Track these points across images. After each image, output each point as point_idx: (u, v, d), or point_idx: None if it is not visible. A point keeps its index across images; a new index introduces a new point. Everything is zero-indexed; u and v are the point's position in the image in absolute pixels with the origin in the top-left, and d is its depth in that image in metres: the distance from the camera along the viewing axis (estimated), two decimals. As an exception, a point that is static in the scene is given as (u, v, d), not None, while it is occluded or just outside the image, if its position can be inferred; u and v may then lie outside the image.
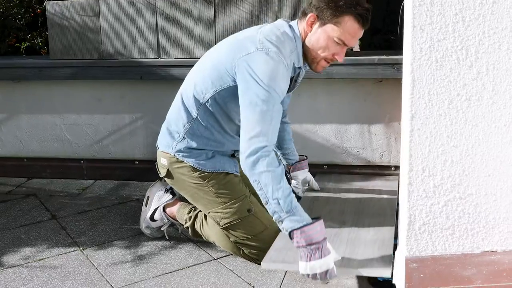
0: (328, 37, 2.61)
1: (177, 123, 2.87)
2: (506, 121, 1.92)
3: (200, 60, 2.92)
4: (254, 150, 2.44)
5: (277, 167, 2.43)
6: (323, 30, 2.61)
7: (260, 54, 2.56)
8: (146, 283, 2.81)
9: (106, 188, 4.04)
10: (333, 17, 2.56)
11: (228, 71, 2.65)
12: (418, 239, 2.05)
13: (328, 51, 2.65)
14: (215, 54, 2.79)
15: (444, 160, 1.96)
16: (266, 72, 2.52)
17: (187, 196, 2.99)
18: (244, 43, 2.64)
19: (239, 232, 2.83)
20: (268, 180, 2.41)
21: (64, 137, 4.20)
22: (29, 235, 3.35)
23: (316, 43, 2.65)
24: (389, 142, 3.80)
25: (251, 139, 2.46)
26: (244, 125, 2.52)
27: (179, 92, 2.91)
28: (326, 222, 2.89)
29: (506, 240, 2.06)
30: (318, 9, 2.60)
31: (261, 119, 2.48)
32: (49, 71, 4.03)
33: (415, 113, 1.92)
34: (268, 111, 2.49)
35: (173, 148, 2.89)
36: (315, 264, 2.31)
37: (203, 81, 2.76)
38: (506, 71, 1.87)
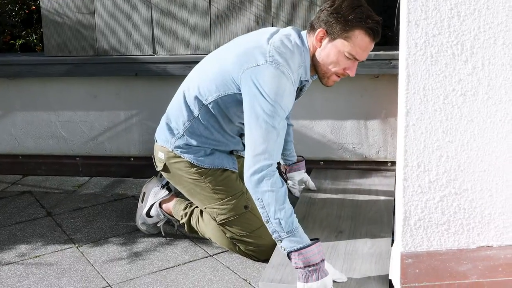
0: (338, 52, 2.56)
1: (177, 120, 2.86)
2: (502, 116, 1.92)
3: (206, 60, 2.87)
4: (259, 169, 2.42)
5: (280, 187, 2.42)
6: (333, 45, 2.57)
7: (269, 68, 2.51)
8: (142, 279, 2.80)
9: (102, 185, 4.04)
10: (342, 32, 2.52)
11: (234, 80, 2.61)
12: (414, 235, 2.05)
13: (339, 66, 2.60)
14: (222, 59, 2.72)
15: (439, 155, 1.96)
16: (273, 88, 2.48)
17: (183, 191, 2.98)
18: (254, 53, 2.57)
19: (235, 228, 2.83)
20: (271, 200, 2.40)
21: (59, 134, 4.19)
22: (25, 232, 3.34)
23: (326, 59, 2.61)
24: (385, 138, 3.80)
25: (256, 156, 2.44)
26: (250, 141, 2.49)
27: (182, 88, 2.88)
28: (324, 229, 2.92)
29: (502, 235, 2.05)
30: (327, 24, 2.55)
31: (267, 136, 2.46)
32: (44, 68, 4.02)
33: (410, 108, 1.92)
34: (274, 128, 2.46)
35: (172, 144, 2.88)
36: (312, 285, 2.32)
37: (207, 83, 2.72)
38: (501, 66, 1.87)
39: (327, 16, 2.54)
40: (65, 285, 2.78)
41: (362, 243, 2.80)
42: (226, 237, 2.89)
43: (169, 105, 2.96)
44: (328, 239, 2.85)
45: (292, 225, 2.39)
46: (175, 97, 2.92)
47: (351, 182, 3.63)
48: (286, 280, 2.50)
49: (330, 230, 2.94)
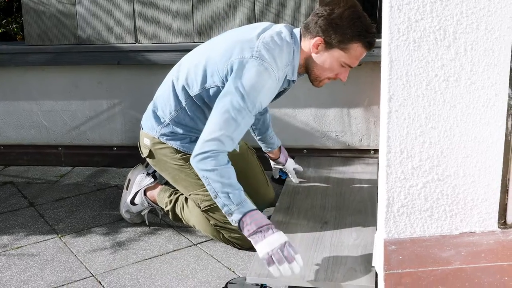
0: (334, 60, 2.64)
1: (164, 108, 2.87)
2: (485, 101, 1.92)
3: (197, 50, 2.88)
4: (204, 152, 2.50)
5: (225, 164, 2.50)
6: (329, 54, 2.63)
7: (253, 63, 2.55)
8: (125, 269, 2.79)
9: (84, 175, 4.01)
10: (340, 43, 2.59)
11: (219, 72, 2.65)
12: (397, 221, 2.05)
13: (332, 72, 2.70)
14: (211, 50, 2.75)
15: (422, 141, 1.96)
16: (252, 83, 2.53)
17: (168, 177, 2.98)
18: (242, 47, 2.61)
19: (219, 215, 2.82)
20: (216, 177, 2.48)
21: (41, 124, 4.15)
22: (7, 223, 3.31)
23: (321, 65, 2.68)
24: (368, 126, 3.80)
25: (207, 141, 2.52)
26: (208, 126, 2.56)
27: (170, 77, 2.88)
28: (308, 220, 2.93)
29: (485, 221, 2.06)
30: (325, 32, 2.59)
31: (224, 126, 2.51)
32: (24, 57, 3.99)
33: (393, 94, 1.91)
34: (235, 122, 2.52)
35: (157, 131, 2.89)
36: (270, 239, 2.38)
37: (194, 75, 2.74)
38: (484, 51, 1.87)
39: (325, 24, 2.58)
40: (48, 275, 2.76)
41: (347, 234, 2.81)
42: (210, 225, 2.89)
43: (157, 92, 2.97)
44: (314, 230, 2.85)
45: (240, 197, 2.47)
46: (163, 84, 2.93)
47: (334, 170, 3.63)
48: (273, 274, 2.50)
49: (315, 221, 2.94)
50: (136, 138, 3.92)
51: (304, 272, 2.50)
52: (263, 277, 2.50)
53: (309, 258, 2.61)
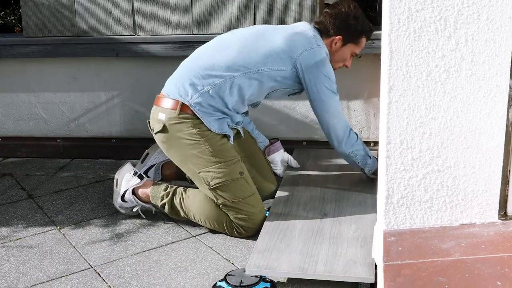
0: (347, 52, 3.15)
1: (206, 76, 2.93)
2: (485, 92, 1.91)
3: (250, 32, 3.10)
4: (343, 133, 3.09)
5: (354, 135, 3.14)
6: (345, 48, 3.13)
7: (320, 50, 3.00)
8: (124, 261, 2.79)
9: (83, 167, 4.00)
10: (355, 39, 3.12)
11: (291, 58, 2.97)
12: (397, 213, 2.04)
13: (343, 62, 3.20)
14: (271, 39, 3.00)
15: (422, 132, 1.95)
16: (328, 69, 3.02)
17: (176, 156, 2.97)
18: (300, 38, 3.01)
19: (228, 193, 2.86)
20: (360, 145, 3.17)
21: (40, 116, 4.14)
22: (5, 215, 3.31)
23: (338, 58, 3.15)
24: (368, 118, 3.79)
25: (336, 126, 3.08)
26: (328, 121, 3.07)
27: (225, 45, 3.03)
28: (308, 212, 2.94)
29: (485, 213, 2.05)
30: (343, 31, 3.07)
31: (336, 115, 3.07)
32: (23, 48, 3.98)
33: (393, 85, 1.90)
34: (336, 105, 3.08)
35: (193, 98, 2.91)
36: None
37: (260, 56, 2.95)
38: (485, 42, 1.85)
39: (343, 24, 3.07)
40: (46, 267, 2.76)
41: (346, 226, 2.80)
42: (214, 209, 2.90)
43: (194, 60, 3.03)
44: (313, 222, 2.85)
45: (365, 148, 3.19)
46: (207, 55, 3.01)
47: (334, 162, 3.62)
48: (272, 266, 2.50)
49: (314, 213, 2.94)
50: (135, 130, 3.93)
51: (303, 264, 2.50)
52: (262, 269, 2.50)
53: (308, 250, 2.61)
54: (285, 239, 2.71)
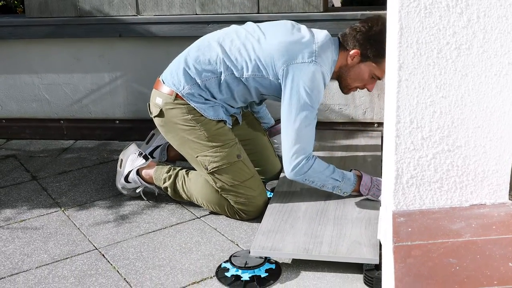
0: (366, 72, 2.87)
1: (200, 70, 2.86)
2: (497, 70, 1.87)
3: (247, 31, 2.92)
4: (295, 165, 2.74)
5: (314, 161, 2.76)
6: (363, 66, 2.86)
7: (312, 67, 2.73)
8: (129, 242, 2.77)
9: (87, 148, 3.98)
10: (375, 57, 2.81)
11: (275, 68, 2.77)
12: (406, 193, 2.01)
13: (362, 82, 2.93)
14: (266, 42, 2.83)
15: (432, 111, 1.91)
16: (315, 89, 2.74)
17: (174, 140, 2.96)
18: (300, 48, 2.76)
19: (226, 177, 2.84)
20: (314, 173, 2.76)
21: (43, 97, 4.12)
22: (10, 197, 3.30)
23: (354, 75, 2.90)
24: (372, 99, 3.76)
25: (291, 158, 2.75)
26: (285, 140, 2.77)
27: (217, 48, 2.87)
28: (312, 194, 2.93)
29: (495, 193, 2.02)
30: (362, 46, 2.81)
31: (301, 139, 2.74)
32: (25, 30, 3.95)
33: (403, 63, 1.86)
34: (308, 131, 2.76)
35: (185, 89, 2.87)
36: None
37: (245, 59, 2.82)
38: (497, 19, 1.81)
39: (363, 39, 2.80)
40: (51, 248, 2.75)
41: (351, 207, 2.79)
42: (215, 193, 2.88)
43: (192, 51, 2.93)
44: (317, 203, 2.84)
45: (341, 173, 2.81)
46: (205, 50, 2.90)
47: (338, 143, 3.61)
48: (276, 247, 2.50)
49: (318, 195, 2.92)
50: (139, 111, 3.91)
51: (307, 245, 2.49)
52: (267, 250, 2.49)
53: (312, 231, 2.60)
54: (289, 220, 2.70)
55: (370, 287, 2.39)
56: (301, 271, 2.51)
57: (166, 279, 2.49)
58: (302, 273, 2.49)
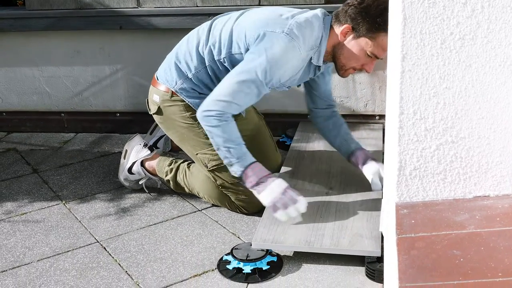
0: (361, 49, 2.64)
1: (189, 64, 2.82)
2: (501, 61, 1.85)
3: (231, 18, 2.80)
4: (210, 110, 2.57)
5: (227, 121, 2.57)
6: (356, 43, 2.63)
7: (282, 38, 2.56)
8: (130, 235, 2.77)
9: (88, 141, 3.97)
10: (368, 32, 2.59)
11: (246, 39, 2.64)
12: (409, 185, 2.00)
13: (358, 62, 2.69)
14: (243, 21, 2.73)
15: (436, 102, 1.90)
16: (277, 58, 2.56)
17: (174, 136, 2.94)
18: (275, 22, 2.62)
19: (226, 175, 2.80)
20: (218, 132, 2.57)
21: (43, 90, 4.10)
22: (11, 190, 3.29)
23: (347, 54, 2.67)
24: (373, 91, 3.75)
25: (214, 101, 2.58)
26: (220, 85, 2.61)
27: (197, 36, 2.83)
28: (314, 186, 2.92)
29: (499, 185, 2.01)
30: (354, 21, 2.60)
31: (236, 94, 2.57)
32: (25, 22, 3.93)
33: (406, 53, 1.85)
34: (248, 92, 2.57)
35: (178, 84, 2.85)
36: (271, 187, 2.54)
37: (224, 40, 2.72)
38: (502, 8, 1.80)
39: (355, 13, 2.59)
40: (52, 241, 2.74)
41: (353, 200, 2.79)
42: (216, 188, 2.86)
43: (180, 46, 2.89)
44: (319, 196, 2.83)
45: (240, 151, 2.59)
46: (189, 41, 2.85)
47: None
48: (278, 239, 2.50)
49: (320, 187, 2.92)
50: (140, 104, 3.89)
51: (309, 238, 2.48)
52: (269, 243, 2.49)
53: (314, 223, 2.60)
54: (291, 213, 2.69)
55: (372, 279, 2.38)
56: (303, 263, 2.50)
57: (168, 271, 2.49)
58: (303, 266, 2.49)
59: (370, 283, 2.36)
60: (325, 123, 3.02)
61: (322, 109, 3.01)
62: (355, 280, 2.38)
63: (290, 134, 3.71)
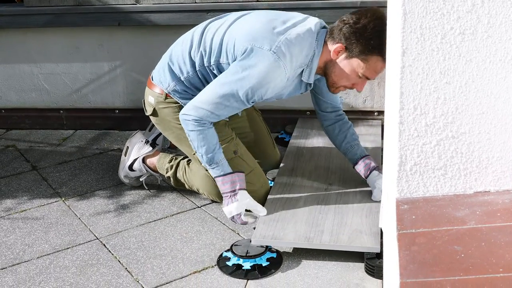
0: (352, 70, 2.59)
1: (181, 66, 2.80)
2: (502, 55, 1.85)
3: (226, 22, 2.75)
4: (189, 115, 2.62)
5: (205, 128, 2.63)
6: (348, 63, 2.58)
7: (268, 56, 2.52)
8: (129, 232, 2.76)
9: (87, 138, 3.96)
10: (361, 54, 2.53)
11: (234, 51, 2.61)
12: (409, 180, 1.99)
13: (349, 81, 2.64)
14: (237, 30, 2.67)
15: (436, 97, 1.89)
16: (260, 76, 2.53)
17: (171, 137, 2.94)
18: (265, 36, 2.56)
19: None
20: (194, 137, 2.64)
21: (42, 87, 4.09)
22: (10, 187, 3.28)
23: (339, 72, 2.62)
24: (372, 87, 3.74)
25: (195, 107, 2.61)
26: (203, 92, 2.64)
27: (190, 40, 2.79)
28: (313, 182, 2.93)
29: (500, 180, 2.00)
30: (347, 40, 2.54)
31: (216, 105, 2.59)
32: (24, 18, 3.92)
33: (406, 48, 1.84)
34: (227, 105, 2.60)
35: (171, 86, 2.83)
36: (227, 208, 2.69)
37: (215, 47, 2.69)
38: (502, 3, 1.79)
39: (349, 33, 2.53)
40: (52, 238, 2.74)
41: (352, 196, 2.79)
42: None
43: (174, 47, 2.87)
44: (318, 192, 2.83)
45: (212, 160, 2.67)
46: (183, 43, 2.82)
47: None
48: (278, 236, 2.50)
49: (319, 183, 2.92)
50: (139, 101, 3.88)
51: (309, 234, 2.48)
52: (268, 239, 2.49)
53: (313, 220, 2.60)
54: (290, 209, 2.69)
55: (371, 275, 2.38)
56: (302, 260, 2.50)
57: (168, 268, 2.48)
58: (303, 262, 2.48)
59: (369, 279, 2.36)
60: (331, 126, 2.99)
61: (327, 113, 2.98)
62: (355, 276, 2.38)
63: (289, 131, 3.70)
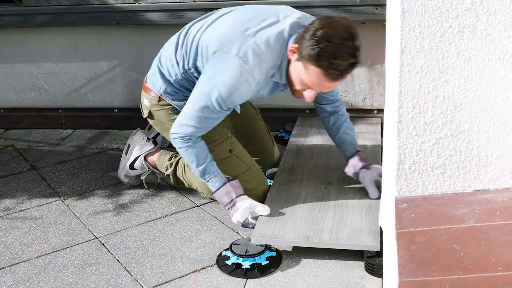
0: (297, 74, 2.48)
1: (170, 69, 2.79)
2: (500, 53, 1.85)
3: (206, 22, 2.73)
4: (176, 133, 2.65)
5: (194, 144, 2.65)
6: (297, 65, 2.46)
7: (234, 62, 2.49)
8: (129, 231, 2.76)
9: (86, 137, 3.96)
10: (303, 58, 2.39)
11: (207, 54, 2.60)
12: (408, 179, 1.99)
13: (298, 85, 2.53)
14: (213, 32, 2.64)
15: (435, 96, 1.89)
16: (229, 84, 2.50)
17: (169, 138, 2.93)
18: (235, 40, 2.52)
19: (222, 172, 2.77)
20: (183, 153, 2.67)
21: (41, 86, 4.09)
22: (9, 187, 3.28)
23: (291, 73, 2.52)
24: (371, 85, 3.74)
25: (181, 125, 2.63)
26: (184, 110, 2.64)
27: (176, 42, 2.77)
28: (312, 181, 2.93)
29: (499, 178, 2.00)
30: (299, 42, 2.43)
31: (197, 120, 2.60)
32: (22, 18, 3.91)
33: (405, 46, 1.84)
34: (207, 118, 2.60)
35: (162, 89, 2.83)
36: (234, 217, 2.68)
37: (194, 49, 2.68)
38: (501, 1, 1.79)
39: (301, 33, 2.43)
40: (51, 238, 2.74)
41: (351, 194, 2.78)
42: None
43: (164, 50, 2.86)
44: (318, 191, 2.83)
45: (205, 172, 2.68)
46: (171, 45, 2.81)
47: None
48: (277, 234, 2.50)
49: (319, 182, 2.91)
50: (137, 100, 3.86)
51: (308, 233, 2.48)
52: (268, 238, 2.49)
53: (313, 218, 2.59)
54: (289, 207, 2.69)
55: (371, 274, 2.37)
56: (302, 258, 2.49)
57: (167, 267, 2.48)
58: (303, 261, 2.48)
59: (369, 277, 2.36)
60: (326, 118, 2.98)
61: (323, 105, 2.97)
62: (354, 275, 2.38)
63: (288, 129, 3.70)
